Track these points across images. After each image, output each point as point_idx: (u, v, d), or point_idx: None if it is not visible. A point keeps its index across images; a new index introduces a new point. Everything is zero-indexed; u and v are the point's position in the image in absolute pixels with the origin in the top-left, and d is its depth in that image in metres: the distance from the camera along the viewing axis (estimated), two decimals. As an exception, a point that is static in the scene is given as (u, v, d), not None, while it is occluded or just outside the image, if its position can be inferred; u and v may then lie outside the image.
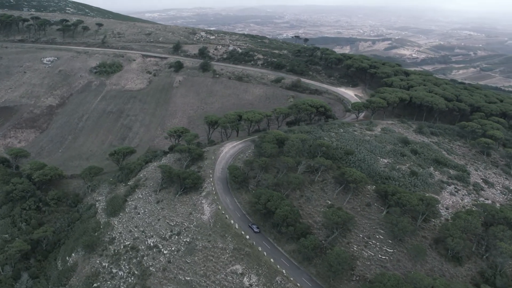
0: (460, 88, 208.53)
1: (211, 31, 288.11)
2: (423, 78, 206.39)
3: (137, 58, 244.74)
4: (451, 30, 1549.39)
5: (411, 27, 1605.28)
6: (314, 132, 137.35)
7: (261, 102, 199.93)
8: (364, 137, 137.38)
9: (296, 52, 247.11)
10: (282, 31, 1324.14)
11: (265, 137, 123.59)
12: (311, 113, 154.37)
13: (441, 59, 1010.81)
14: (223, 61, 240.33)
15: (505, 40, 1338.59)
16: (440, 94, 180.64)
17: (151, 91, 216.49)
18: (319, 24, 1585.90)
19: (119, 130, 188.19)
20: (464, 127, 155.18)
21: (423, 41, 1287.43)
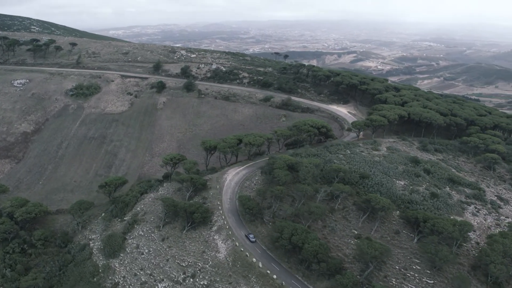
0: (449, 101, 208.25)
1: (191, 49, 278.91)
2: (414, 93, 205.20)
3: (115, 79, 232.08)
4: (412, 42, 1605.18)
5: (373, 40, 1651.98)
6: (321, 155, 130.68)
7: (252, 122, 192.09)
8: (373, 158, 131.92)
9: (282, 70, 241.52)
10: (249, 46, 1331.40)
11: (275, 163, 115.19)
12: (313, 134, 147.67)
13: (406, 70, 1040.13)
14: (207, 80, 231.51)
15: (464, 50, 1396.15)
16: (435, 109, 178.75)
17: (134, 114, 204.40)
18: (284, 39, 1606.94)
19: (104, 157, 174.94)
20: (467, 143, 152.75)
21: (386, 53, 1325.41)
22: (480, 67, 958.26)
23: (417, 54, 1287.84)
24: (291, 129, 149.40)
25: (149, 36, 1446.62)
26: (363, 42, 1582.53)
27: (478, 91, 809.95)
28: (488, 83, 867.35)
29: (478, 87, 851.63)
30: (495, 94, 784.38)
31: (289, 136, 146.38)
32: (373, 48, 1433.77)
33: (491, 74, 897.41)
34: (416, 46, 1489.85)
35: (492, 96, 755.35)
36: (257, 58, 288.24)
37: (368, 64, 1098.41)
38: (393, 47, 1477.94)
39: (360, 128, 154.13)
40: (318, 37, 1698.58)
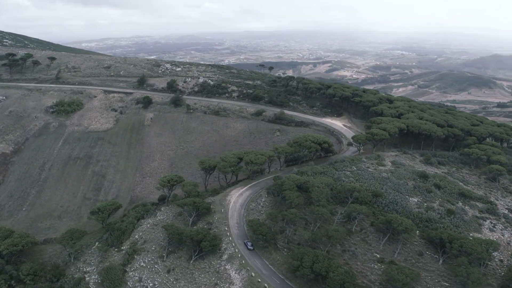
0: (442, 112, 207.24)
1: (176, 63, 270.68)
2: (408, 104, 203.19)
3: (98, 95, 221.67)
4: (385, 51, 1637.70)
5: (347, 49, 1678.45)
6: (328, 173, 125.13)
7: (246, 138, 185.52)
8: (381, 174, 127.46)
9: (272, 82, 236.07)
10: (224, 57, 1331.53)
11: (284, 183, 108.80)
12: (315, 151, 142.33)
13: (381, 79, 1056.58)
14: (195, 94, 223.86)
15: (435, 58, 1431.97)
16: (431, 120, 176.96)
17: (120, 131, 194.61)
18: (259, 50, 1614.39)
19: (91, 178, 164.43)
20: (469, 155, 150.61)
21: (360, 62, 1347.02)
22: (452, 75, 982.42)
23: (390, 62, 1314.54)
24: (292, 145, 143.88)
25: (123, 48, 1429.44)
26: (336, 52, 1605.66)
27: (452, 98, 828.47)
28: (461, 90, 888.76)
29: (451, 94, 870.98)
30: (468, 100, 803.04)
31: (291, 153, 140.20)
32: (347, 57, 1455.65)
33: (464, 81, 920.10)
34: (389, 55, 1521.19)
35: (465, 102, 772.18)
36: (244, 71, 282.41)
37: (344, 73, 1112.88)
38: (366, 56, 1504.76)
39: (362, 143, 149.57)
40: (292, 47, 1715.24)
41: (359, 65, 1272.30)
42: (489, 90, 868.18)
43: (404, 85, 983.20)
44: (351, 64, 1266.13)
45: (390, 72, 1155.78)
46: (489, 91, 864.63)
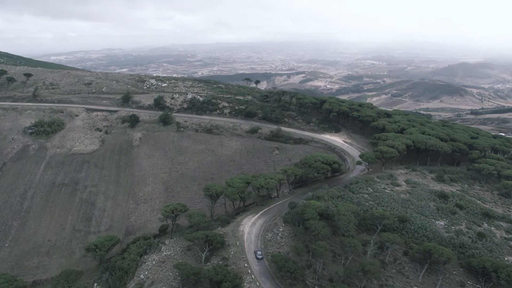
0: (439, 125, 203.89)
1: (161, 78, 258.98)
2: (407, 118, 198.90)
3: (80, 113, 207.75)
4: (356, 61, 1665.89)
5: (319, 60, 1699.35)
6: (345, 196, 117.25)
7: (243, 157, 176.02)
8: (400, 196, 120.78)
9: (264, 98, 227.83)
10: (197, 69, 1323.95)
11: (305, 212, 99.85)
12: (326, 172, 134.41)
13: (354, 89, 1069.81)
14: (184, 111, 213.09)
15: (405, 67, 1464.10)
16: (434, 135, 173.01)
17: (107, 153, 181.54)
18: (232, 61, 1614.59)
19: (79, 207, 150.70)
20: (480, 170, 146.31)
21: (333, 72, 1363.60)
22: (424, 83, 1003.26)
23: (362, 72, 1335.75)
24: (301, 166, 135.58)
25: (93, 61, 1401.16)
26: (309, 62, 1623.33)
27: (425, 106, 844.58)
28: (433, 98, 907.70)
29: (424, 102, 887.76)
30: (441, 108, 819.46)
31: (301, 176, 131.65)
32: (320, 67, 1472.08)
33: (435, 89, 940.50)
34: (360, 65, 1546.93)
35: (438, 110, 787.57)
36: (231, 86, 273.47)
37: (318, 84, 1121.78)
38: (338, 66, 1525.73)
39: (372, 161, 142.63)
40: (265, 59, 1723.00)
41: (332, 75, 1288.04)
42: (460, 98, 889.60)
43: (378, 94, 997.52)
44: (324, 74, 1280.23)
45: (363, 81, 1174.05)
46: (460, 99, 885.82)
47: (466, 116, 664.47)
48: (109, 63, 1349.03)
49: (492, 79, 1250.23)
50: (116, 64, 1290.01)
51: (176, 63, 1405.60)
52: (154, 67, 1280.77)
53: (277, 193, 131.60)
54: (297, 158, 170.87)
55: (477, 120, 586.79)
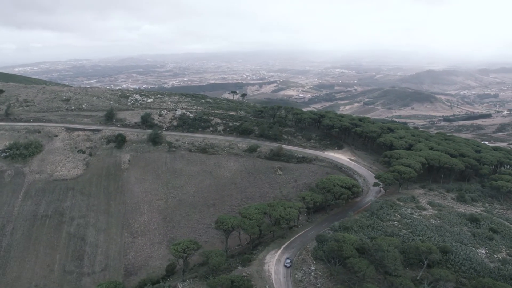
0: (440, 138, 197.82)
1: (146, 93, 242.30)
2: (411, 132, 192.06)
3: (59, 133, 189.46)
4: (325, 69, 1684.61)
5: (289, 69, 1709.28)
6: (375, 226, 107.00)
7: (245, 179, 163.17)
8: (429, 221, 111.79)
9: (259, 113, 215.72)
10: (167, 80, 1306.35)
11: (342, 248, 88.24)
12: (346, 197, 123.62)
13: (327, 97, 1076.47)
14: (175, 129, 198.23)
15: (374, 75, 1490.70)
16: (442, 150, 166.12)
17: (93, 178, 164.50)
18: (202, 71, 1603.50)
19: (68, 243, 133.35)
20: (499, 188, 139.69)
21: (304, 81, 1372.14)
22: (395, 91, 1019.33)
23: (333, 81, 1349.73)
24: (319, 191, 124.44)
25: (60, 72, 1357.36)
26: (279, 72, 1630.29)
27: (397, 113, 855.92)
28: (404, 105, 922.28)
29: (396, 109, 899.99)
30: (413, 115, 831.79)
31: (321, 202, 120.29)
32: (290, 77, 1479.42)
33: (406, 96, 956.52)
34: (330, 73, 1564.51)
35: (411, 117, 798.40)
36: (220, 100, 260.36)
37: (290, 93, 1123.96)
38: (309, 75, 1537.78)
39: (390, 183, 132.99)
40: (235, 68, 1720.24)
41: (303, 84, 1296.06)
42: (431, 105, 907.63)
43: (350, 102, 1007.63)
44: (296, 84, 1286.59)
45: (334, 90, 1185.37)
46: (431, 106, 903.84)
47: (440, 123, 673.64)
48: (76, 74, 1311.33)
49: (458, 85, 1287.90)
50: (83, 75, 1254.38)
51: (145, 74, 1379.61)
52: (123, 78, 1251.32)
53: (296, 222, 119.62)
54: (303, 178, 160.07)
55: (452, 127, 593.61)
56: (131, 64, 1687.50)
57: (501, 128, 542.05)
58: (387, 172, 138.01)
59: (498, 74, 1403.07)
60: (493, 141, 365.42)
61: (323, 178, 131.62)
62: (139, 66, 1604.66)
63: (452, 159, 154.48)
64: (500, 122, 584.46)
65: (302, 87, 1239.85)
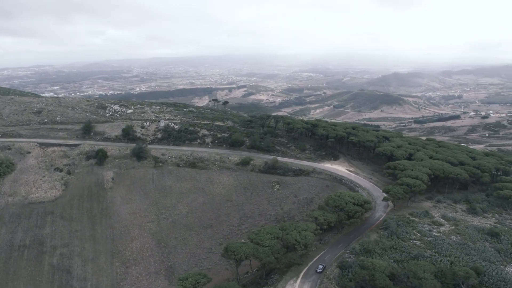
0: (435, 145, 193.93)
1: (125, 103, 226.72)
2: (407, 140, 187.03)
3: (33, 149, 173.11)
4: (293, 73, 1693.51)
5: (257, 73, 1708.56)
6: (398, 247, 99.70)
7: (240, 195, 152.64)
8: (450, 238, 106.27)
9: (247, 123, 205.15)
10: (134, 85, 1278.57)
11: (375, 279, 79.85)
12: (361, 214, 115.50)
13: (297, 101, 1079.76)
14: (159, 142, 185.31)
15: (341, 78, 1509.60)
16: (443, 159, 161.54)
17: (74, 200, 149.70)
18: (170, 76, 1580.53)
19: (51, 278, 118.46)
20: (508, 198, 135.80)
21: (273, 85, 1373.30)
22: (364, 94, 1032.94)
23: (302, 84, 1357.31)
24: (331, 210, 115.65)
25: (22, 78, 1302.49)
26: (248, 76, 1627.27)
27: (367, 116, 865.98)
28: (374, 108, 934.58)
29: (366, 112, 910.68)
30: (383, 117, 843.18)
31: (335, 222, 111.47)
32: (259, 81, 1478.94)
33: (375, 99, 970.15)
34: (298, 77, 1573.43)
35: (381, 119, 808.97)
36: (203, 109, 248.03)
37: (260, 97, 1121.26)
38: (277, 79, 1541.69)
39: (402, 197, 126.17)
40: (203, 73, 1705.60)
41: (273, 88, 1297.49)
42: (399, 107, 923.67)
43: (321, 106, 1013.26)
44: (265, 88, 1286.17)
45: (304, 94, 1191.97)
46: (399, 108, 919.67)
47: (411, 125, 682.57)
48: (39, 80, 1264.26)
49: (423, 87, 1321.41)
50: (47, 82, 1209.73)
51: (111, 79, 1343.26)
52: (88, 84, 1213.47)
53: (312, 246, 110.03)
54: (303, 193, 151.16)
55: (423, 130, 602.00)
56: (96, 69, 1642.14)
57: (472, 129, 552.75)
58: (396, 186, 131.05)
59: (460, 76, 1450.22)
60: (470, 144, 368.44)
61: (332, 195, 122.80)
62: (104, 71, 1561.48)
63: (455, 169, 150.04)
64: (470, 124, 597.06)
65: (272, 91, 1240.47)
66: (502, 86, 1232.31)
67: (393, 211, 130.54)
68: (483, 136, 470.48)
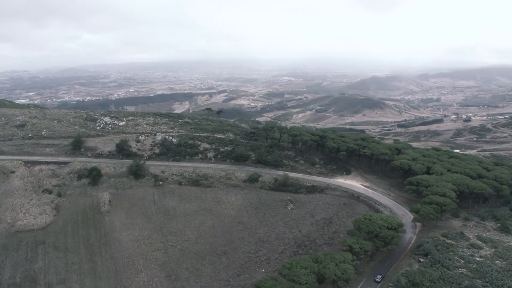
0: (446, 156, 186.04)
1: (116, 115, 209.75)
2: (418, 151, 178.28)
3: (17, 168, 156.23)
4: (273, 78, 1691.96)
5: (236, 78, 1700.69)
6: (445, 277, 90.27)
7: (252, 217, 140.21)
8: (494, 263, 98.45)
9: (251, 135, 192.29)
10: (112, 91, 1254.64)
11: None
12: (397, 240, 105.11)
13: (279, 106, 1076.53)
14: (157, 158, 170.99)
15: (321, 82, 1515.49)
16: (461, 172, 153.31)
17: (67, 227, 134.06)
18: (148, 81, 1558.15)
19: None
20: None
21: (253, 90, 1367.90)
22: (345, 98, 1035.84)
23: (282, 89, 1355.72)
24: (365, 236, 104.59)
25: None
26: (227, 80, 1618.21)
27: (350, 120, 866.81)
28: (356, 112, 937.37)
29: (348, 116, 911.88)
30: (365, 121, 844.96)
31: (372, 251, 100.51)
32: (239, 85, 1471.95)
33: (356, 103, 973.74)
34: (278, 82, 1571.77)
35: (363, 123, 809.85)
36: (198, 119, 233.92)
37: (241, 102, 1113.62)
38: (257, 84, 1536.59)
39: (433, 217, 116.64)
40: (182, 78, 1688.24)
41: (253, 93, 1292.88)
42: (381, 111, 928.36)
43: (303, 110, 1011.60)
44: (246, 92, 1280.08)
45: (285, 98, 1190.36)
46: (381, 112, 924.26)
47: (395, 130, 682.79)
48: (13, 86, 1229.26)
49: (402, 90, 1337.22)
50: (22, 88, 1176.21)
51: (88, 85, 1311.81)
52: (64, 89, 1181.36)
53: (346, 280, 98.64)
54: (319, 212, 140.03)
55: (409, 134, 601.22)
56: (72, 75, 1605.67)
57: (458, 133, 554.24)
58: (425, 205, 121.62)
59: (437, 79, 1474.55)
60: (463, 149, 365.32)
61: (361, 218, 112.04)
62: (81, 77, 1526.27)
63: (479, 183, 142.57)
64: (455, 127, 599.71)
65: (253, 95, 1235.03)
66: (478, 89, 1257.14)
67: (422, 232, 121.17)
68: (471, 140, 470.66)
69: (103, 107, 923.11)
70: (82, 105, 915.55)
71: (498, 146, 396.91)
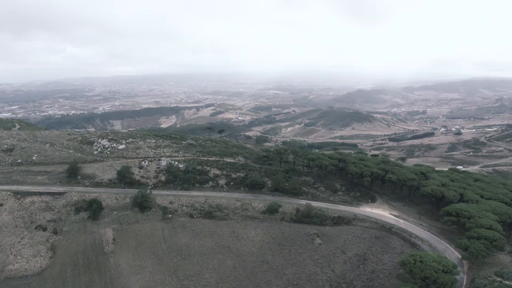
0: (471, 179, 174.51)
1: (114, 137, 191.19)
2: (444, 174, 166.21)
3: (5, 201, 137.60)
4: (259, 91, 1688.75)
5: (222, 91, 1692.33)
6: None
7: (277, 255, 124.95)
8: None
9: (264, 159, 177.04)
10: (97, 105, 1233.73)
11: None
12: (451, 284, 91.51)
13: (267, 120, 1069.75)
14: (164, 186, 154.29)
15: (307, 96, 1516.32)
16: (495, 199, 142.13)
17: (66, 271, 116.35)
18: (134, 95, 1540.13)
19: None
20: None
21: (240, 103, 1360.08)
22: (333, 111, 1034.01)
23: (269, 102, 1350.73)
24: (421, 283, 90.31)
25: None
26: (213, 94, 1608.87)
27: (339, 134, 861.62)
28: (345, 125, 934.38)
29: (337, 130, 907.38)
30: (354, 135, 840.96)
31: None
32: (225, 99, 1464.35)
33: (345, 117, 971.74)
34: (264, 95, 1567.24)
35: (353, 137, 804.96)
36: (202, 140, 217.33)
37: (229, 116, 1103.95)
38: (244, 97, 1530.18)
39: (485, 254, 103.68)
40: (168, 91, 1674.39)
41: (240, 107, 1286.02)
42: (370, 124, 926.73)
43: (291, 124, 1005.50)
44: (233, 106, 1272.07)
45: (272, 112, 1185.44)
46: (370, 125, 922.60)
47: (387, 143, 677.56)
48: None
49: (387, 103, 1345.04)
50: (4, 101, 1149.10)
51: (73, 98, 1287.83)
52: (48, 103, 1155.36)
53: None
54: (351, 248, 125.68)
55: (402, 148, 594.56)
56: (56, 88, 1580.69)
57: (452, 147, 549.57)
58: (474, 240, 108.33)
59: (421, 92, 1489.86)
60: (466, 165, 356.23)
61: (410, 259, 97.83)
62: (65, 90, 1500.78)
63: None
64: (448, 141, 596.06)
65: (240, 109, 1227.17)
66: (463, 101, 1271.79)
67: (472, 270, 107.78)
68: (468, 155, 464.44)
69: (88, 121, 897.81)
70: (66, 119, 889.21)
71: (498, 161, 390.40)
